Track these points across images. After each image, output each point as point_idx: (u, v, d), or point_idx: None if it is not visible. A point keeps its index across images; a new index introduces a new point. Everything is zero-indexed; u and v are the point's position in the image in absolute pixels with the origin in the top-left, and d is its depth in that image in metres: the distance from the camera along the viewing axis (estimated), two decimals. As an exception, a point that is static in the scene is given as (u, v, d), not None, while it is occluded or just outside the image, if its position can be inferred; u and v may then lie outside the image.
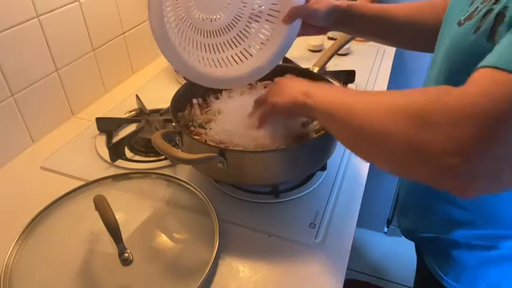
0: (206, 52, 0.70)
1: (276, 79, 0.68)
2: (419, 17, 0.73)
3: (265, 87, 0.82)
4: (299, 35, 0.72)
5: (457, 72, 0.51)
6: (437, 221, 0.66)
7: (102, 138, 0.89)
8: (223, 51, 0.71)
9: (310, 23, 0.71)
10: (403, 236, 0.77)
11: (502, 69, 0.36)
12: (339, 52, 1.05)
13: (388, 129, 0.43)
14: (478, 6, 0.48)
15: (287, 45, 0.71)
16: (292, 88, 0.62)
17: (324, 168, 0.77)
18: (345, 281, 0.60)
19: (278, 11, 0.69)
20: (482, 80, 0.38)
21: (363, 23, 0.75)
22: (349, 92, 0.58)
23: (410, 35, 0.76)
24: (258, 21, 0.71)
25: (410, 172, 0.45)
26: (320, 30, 0.75)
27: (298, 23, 0.69)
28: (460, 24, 0.50)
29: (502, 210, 0.59)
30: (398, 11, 0.74)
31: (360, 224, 1.80)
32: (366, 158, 0.51)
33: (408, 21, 0.74)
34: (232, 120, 0.71)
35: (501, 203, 0.59)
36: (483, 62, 0.39)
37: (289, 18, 0.69)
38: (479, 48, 0.45)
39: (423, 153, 0.40)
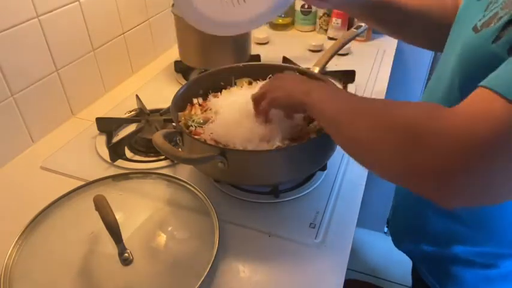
0: None
1: (277, 74, 0.68)
2: (426, 11, 0.71)
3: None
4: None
5: (469, 82, 0.46)
6: (433, 233, 0.65)
7: (102, 138, 0.89)
8: None
9: None
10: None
11: (501, 96, 0.35)
12: (339, 52, 1.05)
13: (380, 141, 0.43)
14: (497, 12, 0.44)
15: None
16: (293, 84, 0.61)
17: (324, 168, 0.77)
18: (345, 281, 0.60)
19: None
20: (478, 102, 0.37)
21: (369, 8, 0.72)
22: (349, 99, 0.54)
23: (414, 28, 0.74)
24: None
25: (397, 181, 0.46)
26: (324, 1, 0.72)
27: None
28: (476, 30, 0.46)
29: (502, 228, 0.58)
30: (406, 2, 0.71)
31: (360, 224, 1.80)
32: (361, 164, 0.51)
33: (414, 13, 0.71)
34: (232, 120, 0.71)
35: (502, 221, 0.58)
36: (485, 81, 0.38)
37: None
38: (497, 60, 0.41)
39: (412, 169, 0.40)
